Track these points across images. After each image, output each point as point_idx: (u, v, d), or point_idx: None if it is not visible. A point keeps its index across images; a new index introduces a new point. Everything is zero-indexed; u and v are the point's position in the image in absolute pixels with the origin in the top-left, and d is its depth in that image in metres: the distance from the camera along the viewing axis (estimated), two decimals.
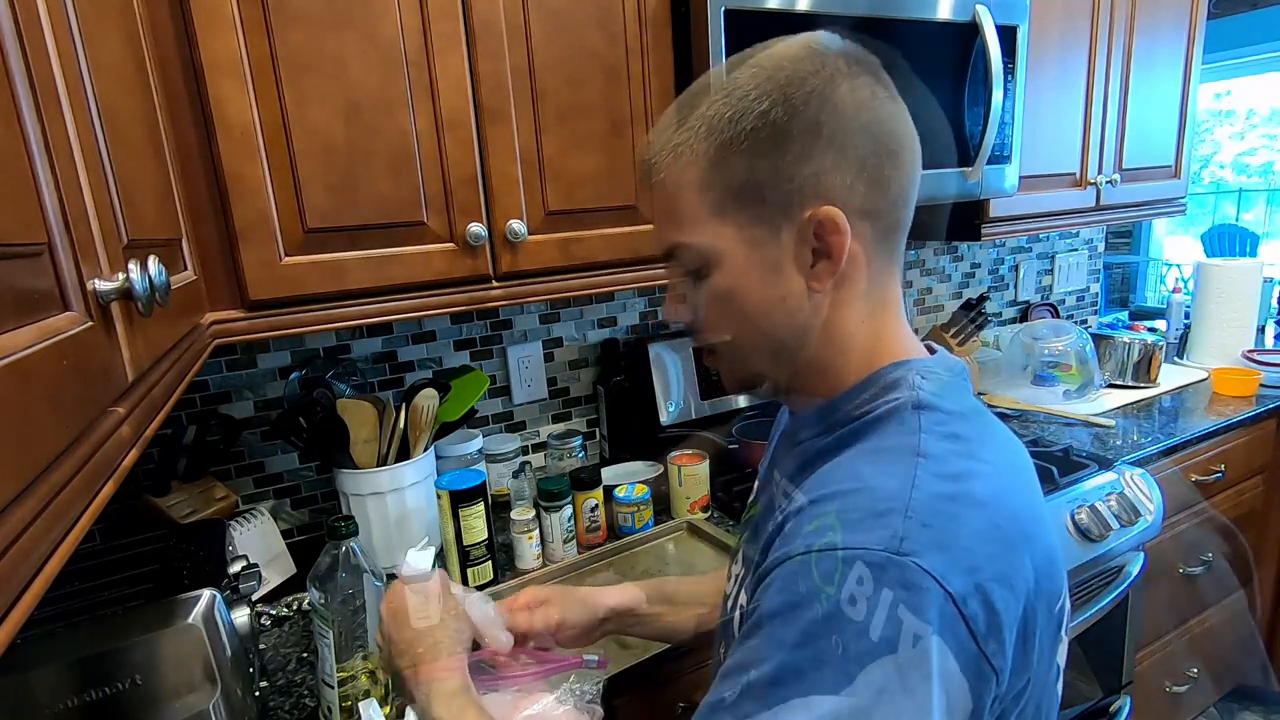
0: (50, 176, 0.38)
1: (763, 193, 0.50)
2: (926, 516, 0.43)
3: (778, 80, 0.49)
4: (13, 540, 0.27)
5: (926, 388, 0.52)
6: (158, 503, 1.07)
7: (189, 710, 0.66)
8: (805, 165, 0.49)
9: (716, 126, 0.50)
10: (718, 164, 0.50)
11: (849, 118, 0.49)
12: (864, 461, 0.49)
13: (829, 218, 0.49)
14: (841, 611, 0.41)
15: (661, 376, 1.47)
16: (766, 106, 0.49)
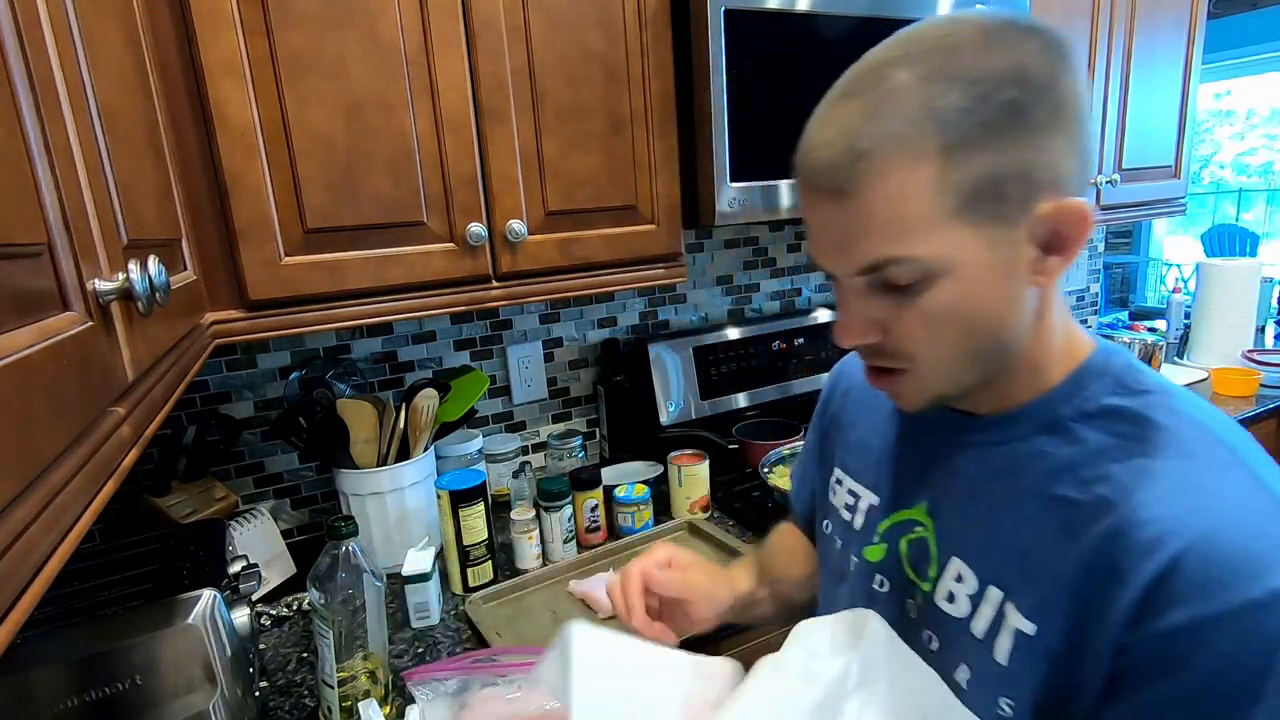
0: (50, 177, 0.38)
1: (1005, 188, 0.45)
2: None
3: (1014, 63, 0.44)
4: (13, 540, 0.27)
5: (1148, 371, 0.52)
6: (158, 503, 1.07)
7: (189, 710, 0.66)
8: (1045, 154, 0.45)
9: (950, 117, 0.44)
10: (955, 161, 0.44)
11: (1074, 100, 0.46)
12: (1199, 477, 0.46)
13: (1074, 210, 0.46)
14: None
15: (661, 376, 1.47)
16: (1014, 93, 0.43)
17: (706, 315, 1.67)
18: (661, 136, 1.13)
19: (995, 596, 0.52)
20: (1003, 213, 0.45)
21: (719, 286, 1.67)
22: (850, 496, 0.68)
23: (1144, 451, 0.48)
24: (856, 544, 0.66)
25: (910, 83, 0.45)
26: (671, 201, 1.17)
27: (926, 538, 0.59)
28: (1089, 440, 0.50)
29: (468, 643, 0.99)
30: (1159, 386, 0.51)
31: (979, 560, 0.54)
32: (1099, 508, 0.47)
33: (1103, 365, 0.52)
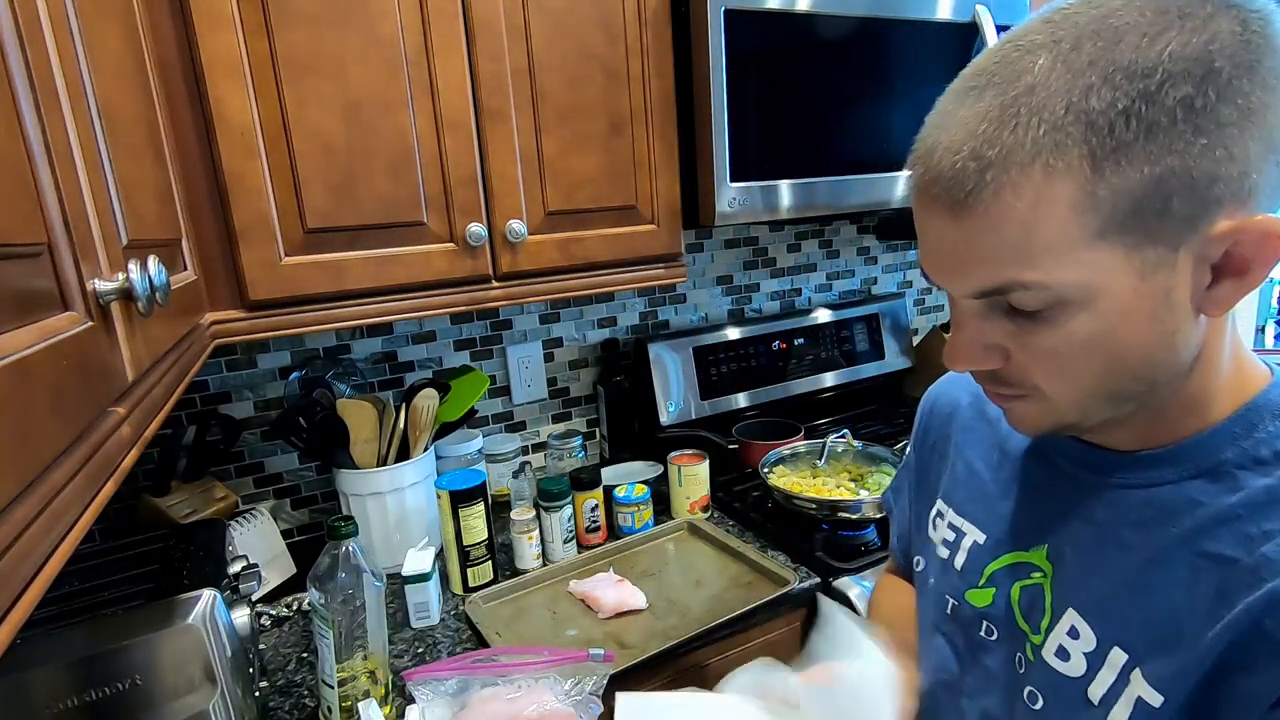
0: (50, 176, 0.38)
1: (1168, 205, 0.37)
2: None
3: (1188, 46, 0.35)
4: (13, 540, 0.27)
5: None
6: (158, 503, 1.07)
7: (189, 710, 0.66)
8: (1229, 162, 0.36)
9: (1103, 121, 0.36)
10: (1107, 173, 0.36)
11: (1275, 91, 0.37)
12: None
13: (1263, 228, 0.37)
14: None
15: (661, 376, 1.47)
16: (1189, 90, 0.35)
17: (706, 315, 1.67)
18: (661, 136, 1.13)
19: (1119, 660, 0.46)
20: (1164, 232, 0.37)
21: (719, 286, 1.67)
22: (951, 532, 0.62)
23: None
24: (959, 585, 0.59)
25: (1055, 76, 0.37)
26: (671, 201, 1.17)
27: (1043, 586, 0.52)
28: (1258, 490, 0.42)
29: (468, 643, 0.99)
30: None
31: (1101, 617, 0.48)
32: (1263, 569, 0.40)
33: (1276, 401, 0.45)
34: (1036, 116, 0.37)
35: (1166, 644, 0.43)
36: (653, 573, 1.13)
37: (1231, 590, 0.41)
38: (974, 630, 0.57)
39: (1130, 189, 0.37)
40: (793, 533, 1.17)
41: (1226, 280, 0.40)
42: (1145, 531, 0.46)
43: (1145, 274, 0.39)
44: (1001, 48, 0.40)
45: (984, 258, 0.40)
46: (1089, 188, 0.37)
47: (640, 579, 1.10)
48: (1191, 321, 0.41)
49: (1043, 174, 0.37)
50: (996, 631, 0.56)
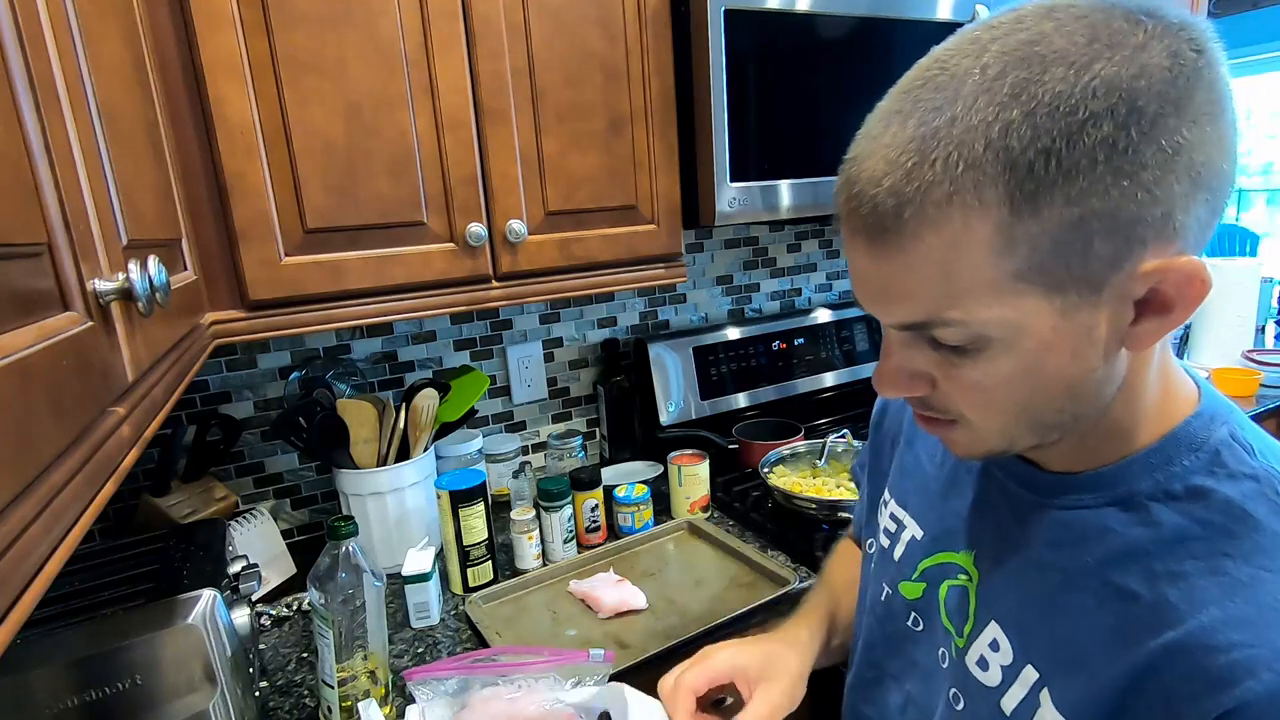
0: (50, 176, 0.38)
1: (1091, 245, 0.36)
2: None
3: (1115, 82, 0.34)
4: (13, 540, 0.27)
5: (1258, 447, 0.43)
6: (158, 503, 1.07)
7: (189, 710, 0.66)
8: (1153, 204, 0.35)
9: (1022, 160, 0.34)
10: (1025, 213, 0.35)
11: (1208, 129, 0.35)
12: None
13: (1188, 273, 0.36)
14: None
15: (661, 376, 1.47)
16: (1110, 129, 0.34)
17: (706, 315, 1.67)
18: (661, 136, 1.13)
19: (1030, 678, 0.46)
20: (1086, 273, 0.36)
21: (719, 286, 1.67)
22: (893, 523, 0.63)
23: (1230, 551, 0.40)
24: (894, 575, 0.61)
25: (976, 108, 0.35)
26: (671, 201, 1.17)
27: (968, 589, 0.53)
28: (1165, 525, 0.42)
29: (468, 643, 0.99)
30: (1267, 472, 0.42)
31: (1020, 634, 0.48)
32: (1164, 612, 0.40)
33: (1201, 435, 0.43)
34: (956, 153, 0.35)
35: (1072, 670, 0.44)
36: (653, 573, 1.13)
37: (1133, 628, 0.41)
38: (903, 620, 0.59)
39: (1049, 231, 0.36)
40: (793, 533, 1.17)
41: (1150, 318, 0.39)
42: (1061, 553, 0.47)
43: (1067, 312, 0.38)
44: (929, 68, 0.39)
45: (905, 294, 0.40)
46: (1007, 230, 0.36)
47: (640, 579, 1.10)
48: (1114, 356, 0.40)
49: (960, 214, 0.36)
50: (923, 624, 0.58)
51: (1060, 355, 0.39)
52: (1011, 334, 0.39)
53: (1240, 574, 0.39)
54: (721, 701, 0.67)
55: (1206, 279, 0.37)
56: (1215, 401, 0.46)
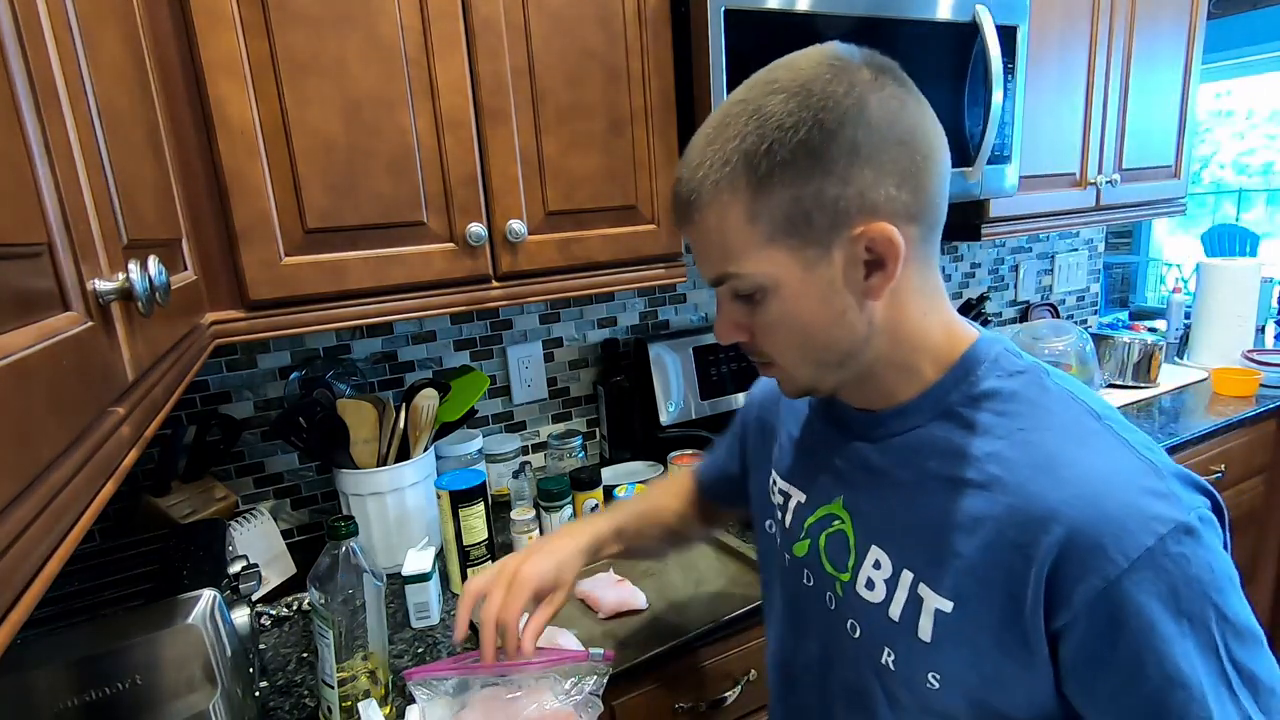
0: (50, 176, 0.38)
1: (810, 217, 0.50)
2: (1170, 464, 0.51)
3: (808, 104, 0.49)
4: (13, 540, 0.27)
5: (1025, 355, 0.58)
6: (158, 503, 1.07)
7: (189, 710, 0.66)
8: (848, 185, 0.49)
9: (753, 159, 0.50)
10: (760, 196, 0.50)
11: (883, 132, 0.50)
12: (1066, 445, 0.51)
13: (881, 234, 0.50)
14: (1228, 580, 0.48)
15: (661, 376, 1.47)
16: (804, 135, 0.49)
17: (706, 315, 1.67)
18: (662, 136, 1.13)
19: (908, 579, 0.56)
20: (813, 237, 0.51)
21: None
22: (781, 496, 0.72)
23: (1024, 425, 0.53)
24: (788, 541, 0.69)
25: (736, 125, 0.51)
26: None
27: (845, 530, 0.63)
28: (977, 422, 0.55)
29: (468, 643, 0.99)
30: (1032, 366, 0.57)
31: (894, 546, 0.58)
32: (993, 486, 0.52)
33: (984, 353, 0.57)
34: (720, 156, 0.51)
35: (942, 559, 0.54)
36: (653, 573, 1.13)
37: (979, 507, 0.52)
38: (798, 578, 0.69)
39: (780, 206, 0.50)
40: None
41: (876, 274, 0.52)
42: (910, 469, 0.58)
43: (809, 266, 0.52)
44: (725, 103, 0.54)
45: (706, 256, 0.56)
46: (751, 205, 0.51)
47: (640, 579, 1.10)
48: (859, 304, 0.53)
49: (724, 196, 0.52)
50: (812, 577, 0.67)
51: (811, 302, 0.53)
52: (774, 284, 0.53)
53: (1033, 440, 0.52)
54: None
55: (896, 240, 0.50)
56: (991, 335, 0.59)
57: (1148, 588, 0.46)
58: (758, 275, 0.53)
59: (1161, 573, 0.46)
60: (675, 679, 0.98)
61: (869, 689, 0.61)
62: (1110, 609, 0.46)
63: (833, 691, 0.66)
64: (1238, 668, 0.47)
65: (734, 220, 0.52)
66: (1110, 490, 0.48)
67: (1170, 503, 0.47)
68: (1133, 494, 0.48)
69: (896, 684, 0.58)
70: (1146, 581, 0.46)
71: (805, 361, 0.57)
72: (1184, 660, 0.46)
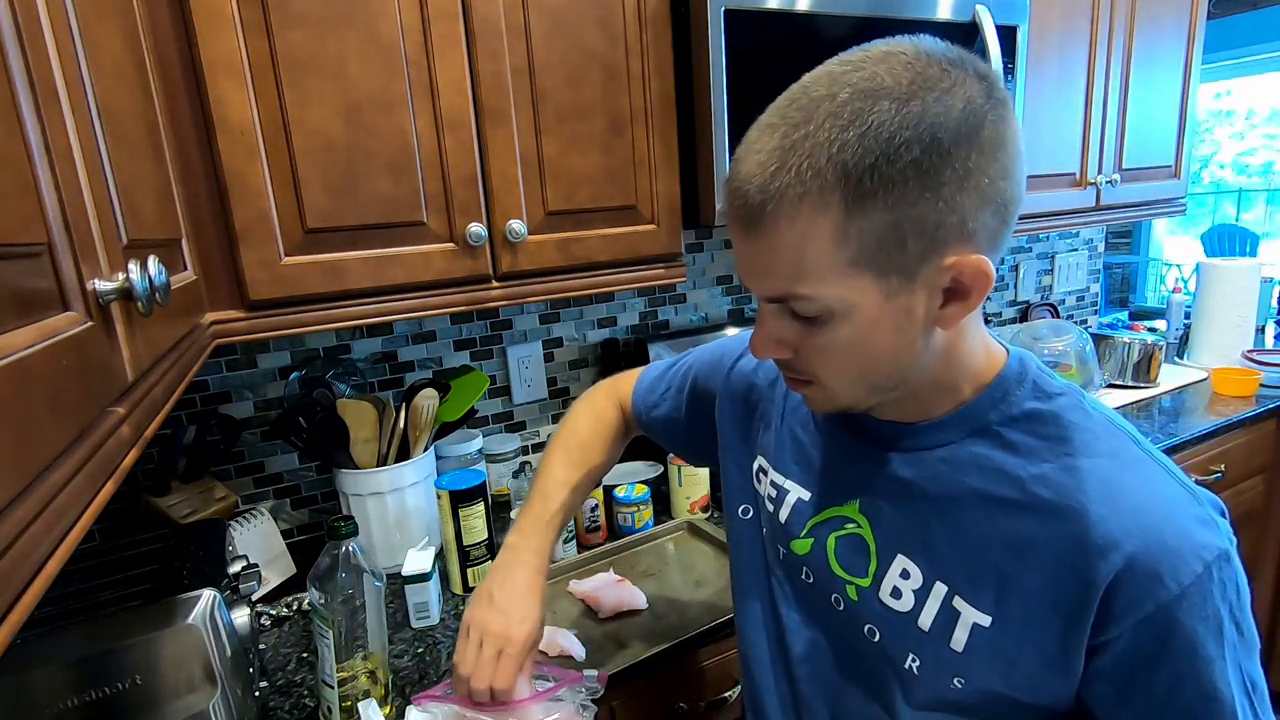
0: (50, 177, 0.38)
1: (905, 242, 0.46)
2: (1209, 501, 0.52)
3: (924, 118, 0.44)
4: (13, 540, 0.27)
5: (1056, 376, 0.57)
6: (158, 503, 1.07)
7: (189, 710, 0.66)
8: (952, 213, 0.46)
9: (854, 173, 0.44)
10: (856, 214, 0.45)
11: (993, 155, 0.46)
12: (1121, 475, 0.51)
13: (975, 267, 0.47)
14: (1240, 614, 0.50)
15: None
16: (918, 153, 0.44)
17: (706, 315, 1.67)
18: (661, 136, 1.13)
19: (941, 592, 0.56)
20: (903, 264, 0.47)
21: (719, 286, 1.67)
22: (774, 489, 0.70)
23: (1069, 451, 0.53)
24: (784, 536, 0.68)
25: (824, 128, 0.45)
26: (671, 201, 1.17)
27: (863, 536, 0.62)
28: (1018, 443, 0.54)
29: None
30: (1068, 389, 0.56)
31: (924, 557, 0.57)
32: (1045, 510, 0.52)
33: (1020, 373, 0.56)
34: (807, 161, 0.45)
35: (981, 576, 0.54)
36: (653, 573, 1.13)
37: (1020, 527, 0.52)
38: (796, 574, 0.68)
39: (875, 229, 0.46)
40: None
41: (954, 303, 0.50)
42: (945, 484, 0.56)
43: (889, 295, 0.48)
44: (794, 93, 0.48)
45: (769, 271, 0.50)
46: (844, 225, 0.46)
47: (640, 579, 1.10)
48: (929, 332, 0.51)
49: (808, 211, 0.46)
50: (814, 577, 0.66)
51: (885, 330, 0.50)
52: (848, 309, 0.49)
53: (1083, 465, 0.52)
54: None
55: (990, 273, 0.48)
56: (1020, 353, 0.58)
57: (1196, 612, 0.47)
58: (831, 300, 0.48)
59: (1209, 598, 0.48)
60: (675, 679, 0.98)
61: (885, 684, 0.61)
62: (1159, 630, 0.48)
63: (839, 683, 0.66)
64: (1246, 676, 0.50)
65: (818, 239, 0.46)
66: (1165, 520, 0.49)
67: (1213, 531, 0.49)
68: (1185, 523, 0.49)
69: (917, 684, 0.58)
70: (1195, 606, 0.47)
71: (858, 386, 0.54)
72: (1220, 679, 0.48)
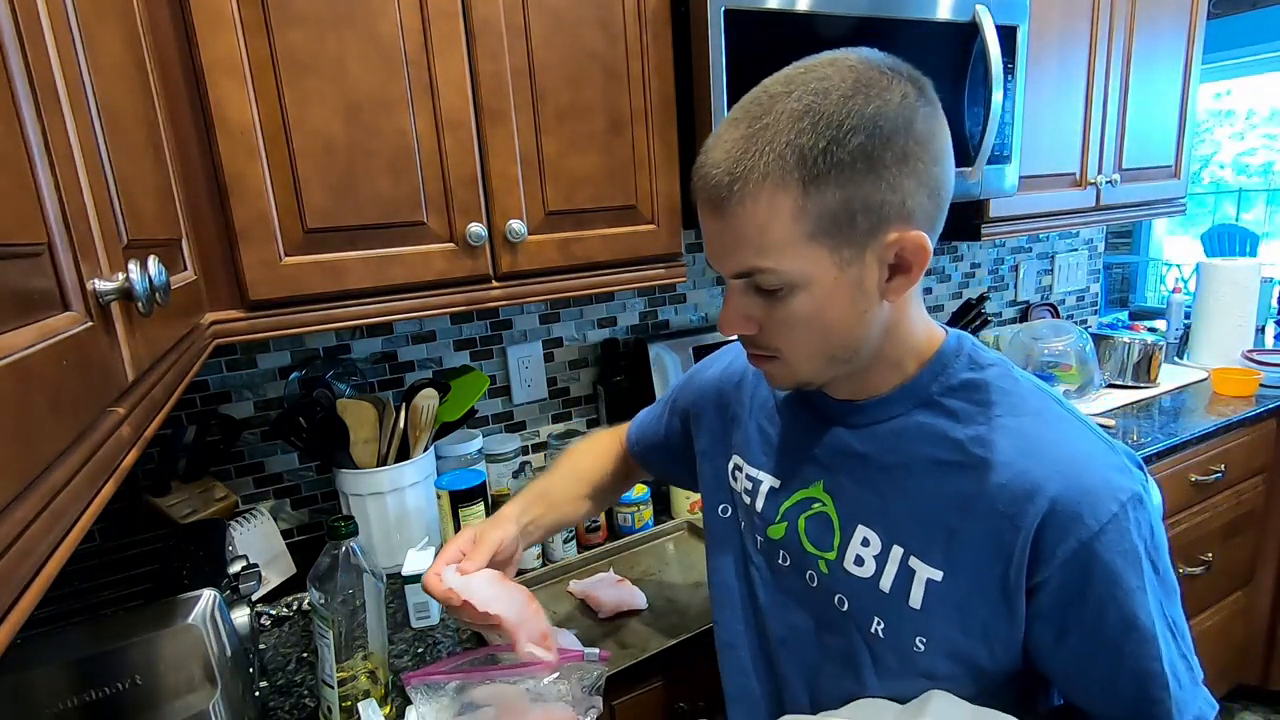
0: (50, 176, 0.38)
1: (855, 219, 0.52)
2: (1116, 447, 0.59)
3: (866, 111, 0.51)
4: (13, 540, 0.27)
5: (989, 350, 0.63)
6: (158, 503, 1.07)
7: (189, 710, 0.66)
8: (894, 192, 0.52)
9: (809, 156, 0.50)
10: (811, 193, 0.51)
11: (925, 145, 0.53)
12: (1044, 430, 0.58)
13: (915, 241, 0.54)
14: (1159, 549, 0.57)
15: (661, 376, 1.47)
16: (863, 139, 0.50)
17: (706, 315, 1.67)
18: (661, 136, 1.13)
19: (898, 554, 0.61)
20: (853, 238, 0.53)
21: (719, 287, 1.67)
22: (749, 482, 0.74)
23: (1001, 412, 0.59)
24: (760, 525, 0.72)
25: (784, 119, 0.51)
26: (671, 201, 1.17)
27: (827, 512, 0.66)
28: (956, 410, 0.60)
29: (468, 643, 0.99)
30: (998, 360, 0.62)
31: (882, 524, 0.62)
32: (981, 467, 0.57)
33: (955, 349, 0.62)
34: (769, 146, 0.51)
35: (931, 534, 0.59)
36: (653, 573, 1.13)
37: (963, 485, 0.58)
38: (774, 559, 0.71)
39: (828, 206, 0.52)
40: None
41: (898, 276, 0.56)
42: (897, 454, 0.62)
43: (843, 267, 0.54)
44: (755, 93, 0.54)
45: (735, 248, 0.55)
46: (801, 202, 0.52)
47: (640, 579, 1.10)
48: (878, 305, 0.57)
49: (769, 190, 0.52)
50: (789, 558, 0.70)
51: (840, 301, 0.55)
52: (807, 281, 0.54)
53: (1011, 425, 0.58)
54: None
55: (928, 247, 0.54)
56: (958, 333, 0.64)
57: (1114, 546, 0.53)
58: (792, 272, 0.54)
59: (1125, 534, 0.53)
60: (675, 679, 0.98)
61: (857, 656, 0.65)
62: (1082, 564, 0.54)
63: (816, 662, 0.69)
64: (1168, 616, 0.57)
65: (779, 216, 0.52)
66: (1084, 467, 0.55)
67: (1127, 476, 0.55)
68: (1100, 469, 0.55)
69: (884, 649, 0.62)
70: (1113, 541, 0.53)
71: (817, 357, 0.59)
72: (1141, 608, 0.54)
